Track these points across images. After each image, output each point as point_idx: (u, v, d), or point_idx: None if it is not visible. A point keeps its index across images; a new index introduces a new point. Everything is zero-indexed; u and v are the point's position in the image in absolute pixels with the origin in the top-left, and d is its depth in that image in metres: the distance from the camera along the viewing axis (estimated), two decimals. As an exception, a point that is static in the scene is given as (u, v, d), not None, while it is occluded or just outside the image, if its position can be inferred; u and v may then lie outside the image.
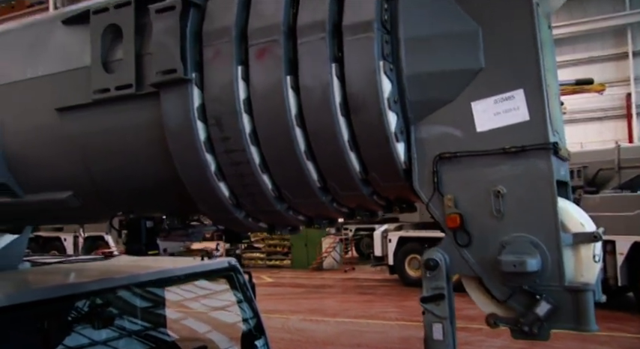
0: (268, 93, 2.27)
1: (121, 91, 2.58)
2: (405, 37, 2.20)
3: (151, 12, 2.43)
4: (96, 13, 2.68)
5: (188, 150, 2.42)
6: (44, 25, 3.00)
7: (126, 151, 2.71)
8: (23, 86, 2.94)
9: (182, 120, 2.39)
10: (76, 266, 3.95)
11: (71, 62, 2.79)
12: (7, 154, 3.00)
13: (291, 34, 2.27)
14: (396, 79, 2.19)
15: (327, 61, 2.18)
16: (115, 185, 2.86)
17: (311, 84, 2.21)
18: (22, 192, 3.08)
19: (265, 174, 2.40)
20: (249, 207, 2.55)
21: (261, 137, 2.32)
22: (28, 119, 2.96)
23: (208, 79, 2.36)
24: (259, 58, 2.28)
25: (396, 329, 10.36)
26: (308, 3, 2.26)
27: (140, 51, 2.57)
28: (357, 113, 2.18)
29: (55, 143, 2.88)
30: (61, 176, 2.95)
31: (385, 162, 2.23)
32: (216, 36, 2.35)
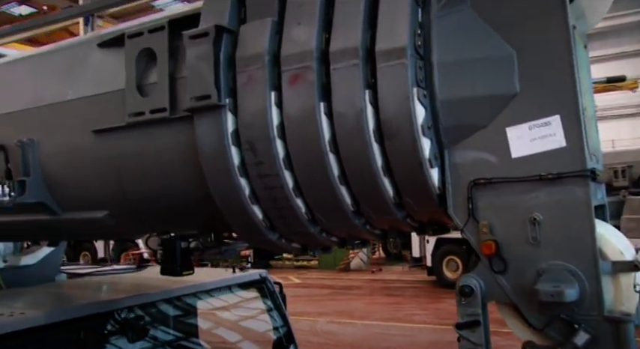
0: (302, 119, 2.28)
1: (155, 115, 2.62)
2: (439, 62, 2.19)
3: (185, 38, 2.46)
4: (130, 37, 2.73)
5: (222, 174, 2.44)
6: (80, 48, 3.06)
7: (160, 172, 2.75)
8: (60, 108, 3.00)
9: (216, 145, 2.42)
10: (110, 280, 4.02)
11: (106, 85, 2.85)
12: (44, 174, 3.07)
13: (323, 60, 2.27)
14: (430, 105, 2.18)
15: (360, 87, 2.19)
16: (150, 204, 2.90)
17: (344, 110, 2.21)
18: (60, 210, 3.14)
19: (299, 198, 2.41)
20: (282, 229, 2.57)
21: (295, 162, 2.34)
22: (64, 140, 3.02)
23: (242, 105, 2.38)
24: (292, 84, 2.29)
25: (424, 332, 10.32)
26: (340, 28, 2.26)
27: (174, 74, 2.61)
28: (391, 139, 2.17)
29: (91, 164, 2.94)
30: (97, 196, 3.01)
31: (419, 188, 2.23)
32: (249, 62, 2.36)
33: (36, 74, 3.20)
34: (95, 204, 3.03)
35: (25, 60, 3.39)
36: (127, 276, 4.10)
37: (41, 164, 3.07)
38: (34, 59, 3.33)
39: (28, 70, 3.26)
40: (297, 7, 2.36)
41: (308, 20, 2.31)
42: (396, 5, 2.21)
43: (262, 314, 4.35)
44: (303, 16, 2.33)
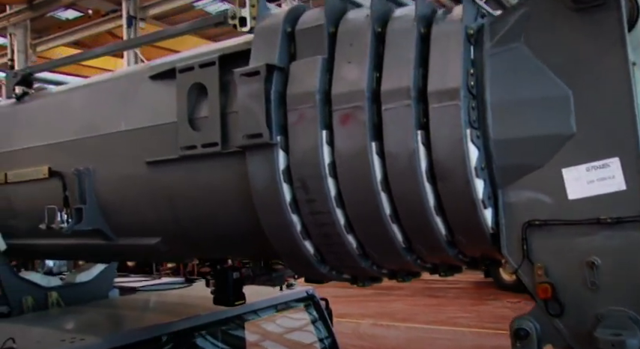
0: (353, 158, 2.28)
1: (207, 149, 2.66)
2: (492, 102, 2.17)
3: (236, 76, 2.49)
4: (182, 71, 2.78)
5: (274, 210, 2.47)
6: (132, 79, 3.14)
7: (212, 202, 2.80)
8: (114, 138, 3.08)
9: (268, 181, 2.45)
10: (162, 297, 4.11)
11: (158, 117, 2.91)
12: (100, 201, 3.17)
13: (375, 99, 2.27)
14: (483, 145, 2.16)
15: (412, 128, 2.18)
16: (202, 233, 2.96)
17: (396, 151, 2.21)
18: (114, 235, 3.24)
19: (350, 235, 2.42)
20: (333, 263, 2.59)
21: (347, 200, 2.35)
22: (118, 169, 3.11)
23: (293, 143, 2.40)
24: (343, 124, 2.30)
25: (468, 336, 10.23)
26: (392, 68, 2.26)
27: (225, 109, 2.65)
28: (444, 180, 2.16)
29: (144, 192, 3.02)
30: (150, 223, 3.08)
31: (472, 228, 2.21)
32: (300, 100, 2.38)
33: (90, 103, 3.30)
34: (148, 231, 3.11)
35: (80, 89, 3.50)
36: (178, 293, 4.19)
37: (96, 191, 3.16)
38: (88, 88, 3.43)
39: (83, 99, 3.36)
40: (347, 45, 2.36)
41: (359, 59, 2.31)
42: (448, 43, 2.20)
43: (309, 330, 4.40)
44: (354, 54, 2.33)
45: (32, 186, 3.47)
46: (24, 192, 3.55)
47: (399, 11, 2.42)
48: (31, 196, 3.53)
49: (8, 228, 3.76)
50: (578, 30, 2.09)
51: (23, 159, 3.54)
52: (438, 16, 2.31)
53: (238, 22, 2.67)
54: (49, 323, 3.49)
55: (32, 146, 3.50)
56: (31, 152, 3.50)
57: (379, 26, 2.34)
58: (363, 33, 2.34)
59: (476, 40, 2.22)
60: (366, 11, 2.39)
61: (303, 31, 2.48)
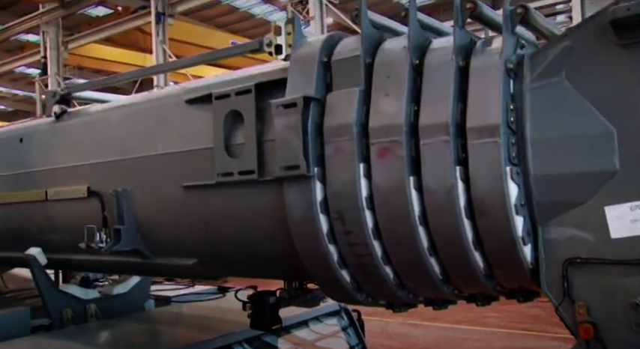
0: (391, 192, 2.28)
1: (243, 176, 2.69)
2: (533, 137, 2.14)
3: (273, 107, 2.51)
4: (218, 98, 2.80)
5: (311, 240, 2.48)
6: (168, 103, 3.17)
7: (248, 227, 2.83)
8: (151, 161, 3.13)
9: (305, 212, 2.46)
10: (196, 311, 4.17)
11: (194, 141, 2.94)
12: (137, 222, 3.22)
13: (413, 133, 2.26)
14: (523, 181, 2.14)
15: (451, 164, 2.17)
16: (237, 256, 3.00)
17: (435, 186, 2.20)
18: (151, 255, 3.30)
19: (387, 266, 2.43)
20: (369, 291, 2.60)
21: (384, 233, 2.35)
22: (155, 191, 3.16)
23: (330, 175, 2.40)
24: (381, 158, 2.30)
25: (498, 337, 10.17)
26: (430, 102, 2.24)
27: (261, 137, 2.67)
28: (483, 217, 2.15)
29: (181, 215, 3.06)
30: (187, 245, 3.13)
31: (511, 263, 2.20)
32: (337, 133, 2.38)
33: (128, 125, 3.34)
34: (185, 252, 3.16)
35: (117, 109, 3.55)
36: (211, 305, 4.24)
37: (134, 212, 3.22)
38: (125, 110, 3.47)
39: (121, 120, 3.41)
40: (384, 77, 2.36)
41: (396, 92, 2.30)
42: (487, 77, 2.18)
43: (342, 342, 4.42)
44: (392, 87, 2.32)
45: (71, 205, 3.55)
46: (63, 209, 3.63)
47: (437, 42, 2.40)
48: (70, 214, 3.61)
49: (48, 242, 3.85)
50: (623, 65, 2.05)
51: (63, 178, 3.62)
52: (477, 47, 2.29)
53: (274, 49, 2.67)
54: (88, 339, 3.58)
55: (71, 165, 3.57)
56: (70, 171, 3.58)
57: (417, 58, 2.32)
58: (400, 65, 2.32)
59: (515, 73, 2.19)
60: (403, 41, 2.38)
61: (340, 61, 2.48)
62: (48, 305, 3.88)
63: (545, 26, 2.44)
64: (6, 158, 4.05)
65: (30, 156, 3.87)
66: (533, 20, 2.33)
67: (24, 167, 3.89)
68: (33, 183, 3.80)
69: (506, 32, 2.21)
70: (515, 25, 2.24)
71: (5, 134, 4.26)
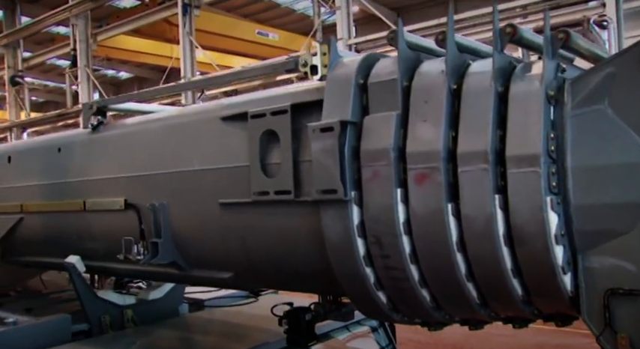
0: (429, 218, 2.28)
1: (280, 196, 2.71)
2: (574, 166, 2.11)
3: (309, 130, 2.52)
4: (254, 117, 2.82)
5: (348, 263, 2.50)
6: (204, 119, 3.20)
7: (284, 244, 2.86)
8: (187, 176, 3.17)
9: (342, 235, 2.47)
10: (230, 317, 4.23)
11: (231, 159, 2.97)
12: (173, 235, 3.28)
13: (451, 159, 2.25)
14: (564, 211, 2.12)
15: (489, 192, 2.16)
16: (273, 270, 3.04)
17: (473, 214, 2.20)
18: (188, 267, 3.36)
19: (424, 289, 2.43)
20: (405, 312, 2.61)
21: (421, 258, 2.35)
22: (192, 206, 3.20)
23: (368, 199, 2.41)
24: (419, 184, 2.30)
25: (529, 333, 10.04)
26: (468, 129, 2.23)
27: (297, 157, 2.68)
28: (522, 245, 2.14)
29: (217, 230, 3.10)
30: (223, 259, 3.18)
31: (550, 291, 2.18)
32: (374, 157, 2.38)
33: (163, 140, 3.39)
34: (221, 265, 3.21)
35: (153, 123, 3.59)
36: (245, 311, 4.30)
37: (170, 225, 3.27)
38: (161, 123, 3.51)
39: (156, 134, 3.45)
40: (422, 102, 2.34)
41: (434, 117, 2.29)
42: (527, 104, 2.15)
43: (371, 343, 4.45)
44: (429, 112, 2.31)
45: (109, 216, 3.62)
46: (101, 220, 3.71)
47: (475, 65, 2.37)
48: (107, 225, 3.68)
49: (86, 250, 3.94)
50: None
51: (100, 189, 3.69)
52: (516, 72, 2.25)
53: (309, 70, 2.67)
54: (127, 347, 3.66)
55: (108, 177, 3.64)
56: (107, 183, 3.65)
57: (454, 83, 2.31)
58: (438, 90, 2.31)
59: (556, 100, 2.16)
60: (441, 65, 2.36)
61: (377, 84, 2.47)
62: (87, 312, 3.98)
63: (588, 49, 2.40)
64: (45, 167, 4.14)
65: (68, 166, 3.95)
66: (575, 44, 2.30)
67: (62, 177, 3.97)
68: (71, 193, 3.89)
69: (547, 57, 2.18)
70: (556, 51, 2.21)
71: (44, 143, 4.36)
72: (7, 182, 4.49)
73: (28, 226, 4.31)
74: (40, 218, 4.18)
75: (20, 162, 4.42)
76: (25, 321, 3.73)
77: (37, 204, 4.15)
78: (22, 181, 4.34)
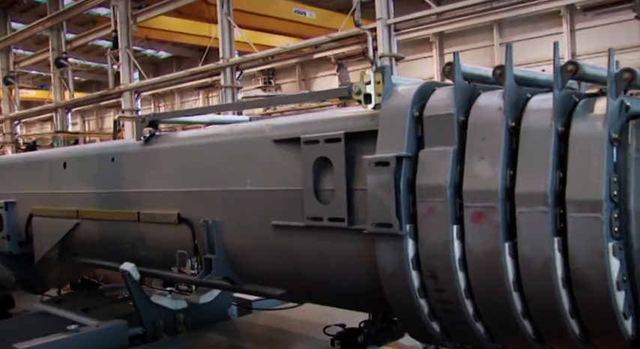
0: (485, 256, 2.28)
1: (333, 223, 2.75)
2: (637, 211, 2.08)
3: (364, 163, 2.53)
4: (307, 143, 2.85)
5: (402, 294, 2.53)
6: (256, 140, 3.22)
7: (338, 267, 2.90)
8: (240, 195, 3.23)
9: (397, 267, 2.50)
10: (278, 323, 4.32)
11: (283, 182, 3.01)
12: (226, 251, 3.35)
13: (508, 198, 2.24)
14: (626, 256, 2.09)
15: (548, 234, 2.14)
16: (325, 290, 3.10)
17: (531, 255, 2.19)
18: (240, 281, 3.44)
19: (479, 322, 2.45)
20: (459, 340, 2.64)
21: (477, 294, 2.36)
22: (244, 225, 3.27)
23: (423, 233, 2.42)
24: (475, 222, 2.29)
25: None
26: (527, 169, 2.20)
27: (351, 185, 2.71)
28: (581, 289, 2.13)
29: (270, 250, 3.16)
30: (276, 277, 3.25)
31: (610, 335, 2.17)
32: (430, 193, 2.39)
33: (215, 157, 3.45)
34: (273, 282, 3.29)
35: (205, 138, 3.65)
36: (292, 316, 4.38)
37: (223, 241, 3.35)
38: (212, 139, 3.57)
39: (209, 151, 3.51)
40: (479, 139, 2.33)
41: (492, 156, 2.27)
42: (589, 147, 2.11)
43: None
44: (487, 150, 2.29)
45: (162, 228, 3.72)
46: (154, 231, 3.82)
47: (535, 101, 2.33)
48: (160, 236, 3.79)
49: (140, 258, 4.07)
50: None
51: (153, 201, 3.79)
52: (578, 110, 2.21)
53: (363, 98, 2.67)
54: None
55: (162, 191, 3.73)
56: (160, 195, 3.74)
57: (513, 120, 2.28)
58: (496, 127, 2.29)
59: (619, 141, 2.11)
60: (499, 100, 2.33)
61: (432, 117, 2.46)
62: (142, 316, 4.12)
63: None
64: (99, 176, 4.26)
65: (121, 177, 4.06)
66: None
67: (116, 186, 4.09)
68: (125, 203, 4.00)
69: (611, 97, 2.13)
70: (620, 90, 2.16)
71: (98, 151, 4.48)
72: (63, 187, 4.64)
73: (84, 231, 4.47)
74: (95, 224, 4.32)
75: (75, 169, 4.56)
76: (86, 328, 3.89)
77: (92, 211, 4.29)
78: (77, 187, 4.48)
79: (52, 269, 5.29)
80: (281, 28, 23.83)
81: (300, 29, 23.12)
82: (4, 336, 4.28)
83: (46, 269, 5.27)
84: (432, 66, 26.48)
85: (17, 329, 4.48)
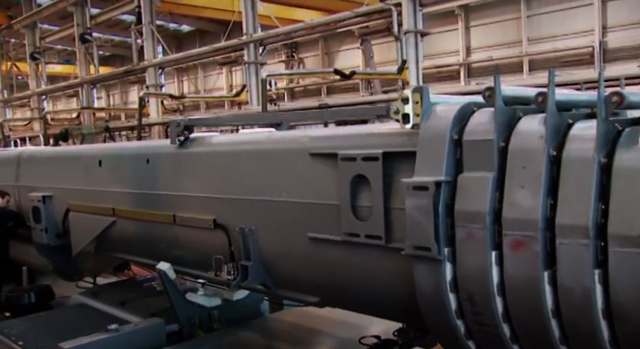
0: (524, 284, 2.30)
1: (370, 240, 2.78)
2: None
3: (403, 186, 2.55)
4: (344, 160, 2.87)
5: (440, 315, 2.57)
6: (292, 149, 3.25)
7: (373, 281, 2.94)
8: (276, 205, 3.28)
9: (434, 289, 2.53)
10: (309, 322, 4.40)
11: (319, 195, 3.05)
12: (262, 258, 3.42)
13: (548, 227, 2.25)
14: None
15: (589, 267, 2.15)
16: (360, 302, 3.16)
17: (570, 285, 2.20)
18: (275, 287, 3.52)
19: (515, 345, 2.48)
20: (494, 358, 2.68)
21: (514, 319, 2.39)
22: (280, 235, 3.32)
23: (461, 258, 2.45)
24: (515, 249, 2.31)
25: None
26: (568, 200, 2.19)
27: (388, 204, 2.73)
28: (622, 322, 2.14)
29: (306, 260, 3.22)
30: (311, 285, 3.31)
31: (649, 366, 2.20)
32: (469, 218, 2.40)
33: (251, 165, 3.49)
34: (308, 290, 3.36)
35: (239, 146, 3.69)
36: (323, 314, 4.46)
37: (260, 249, 3.41)
38: (248, 147, 3.60)
39: (244, 159, 3.55)
40: (519, 167, 2.32)
41: (532, 185, 2.27)
42: (633, 181, 2.10)
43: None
44: (527, 179, 2.29)
45: (198, 232, 3.80)
46: (190, 234, 3.90)
47: (577, 129, 2.30)
48: (196, 239, 3.87)
49: (175, 257, 4.17)
50: None
51: (189, 205, 3.86)
52: (621, 141, 2.18)
53: (401, 117, 2.67)
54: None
55: (197, 195, 3.79)
56: (196, 200, 3.81)
57: (554, 149, 2.27)
58: (537, 156, 2.27)
59: None
60: (540, 128, 2.31)
61: (472, 142, 2.45)
62: (178, 314, 4.25)
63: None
64: (135, 176, 4.34)
65: (157, 178, 4.13)
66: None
67: (151, 188, 4.16)
68: (160, 205, 4.08)
69: (656, 129, 2.11)
70: (665, 123, 2.14)
71: (133, 151, 4.55)
72: (98, 184, 4.74)
73: (120, 228, 4.58)
74: (131, 223, 4.42)
75: (110, 167, 4.65)
76: (125, 327, 4.02)
77: (128, 210, 4.38)
78: (112, 186, 4.57)
79: (87, 260, 5.44)
80: (304, 1, 23.58)
81: (324, 3, 22.85)
82: (48, 328, 4.45)
83: (82, 260, 5.42)
84: (457, 39, 26.03)
85: (59, 321, 4.64)
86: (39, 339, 4.24)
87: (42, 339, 4.23)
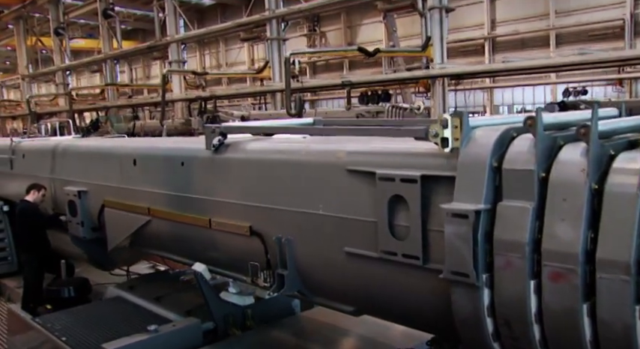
0: (563, 315, 2.34)
1: (408, 260, 2.83)
2: None
3: (443, 213, 2.58)
4: (382, 179, 2.90)
5: (477, 338, 2.62)
6: (329, 162, 3.27)
7: (408, 299, 3.00)
8: (313, 218, 3.33)
9: (472, 313, 2.58)
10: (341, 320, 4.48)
11: (356, 211, 3.09)
12: (297, 266, 3.49)
13: (588, 259, 2.27)
14: None
15: (629, 303, 2.18)
16: (395, 314, 3.24)
17: (610, 319, 2.23)
18: (310, 295, 3.60)
19: (552, 369, 2.53)
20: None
21: (552, 346, 2.44)
22: (316, 247, 3.38)
23: (499, 285, 2.48)
24: (554, 281, 2.34)
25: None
26: (610, 235, 2.21)
27: (426, 225, 2.77)
28: (663, 358, 2.18)
29: (342, 273, 3.28)
30: (346, 296, 3.38)
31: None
32: (508, 247, 2.43)
33: (289, 177, 3.52)
34: (344, 300, 3.43)
35: (275, 154, 3.72)
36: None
37: (295, 259, 3.48)
38: (284, 157, 3.63)
39: (280, 168, 3.59)
40: (560, 199, 2.34)
41: (573, 218, 2.29)
42: (675, 219, 2.11)
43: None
44: (568, 212, 2.30)
45: (233, 238, 3.88)
46: (226, 239, 3.97)
47: (621, 161, 2.30)
48: (231, 245, 3.95)
49: (210, 259, 4.27)
50: None
51: (224, 211, 3.93)
52: (666, 176, 2.20)
53: (440, 141, 2.69)
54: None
55: (233, 202, 3.86)
56: (231, 206, 3.87)
57: (596, 183, 2.28)
58: (578, 189, 2.29)
59: None
60: (582, 160, 2.31)
61: (512, 171, 2.47)
62: (213, 312, 4.37)
63: None
64: (170, 178, 4.41)
65: (192, 182, 4.20)
66: None
67: (186, 191, 4.23)
68: (195, 208, 4.15)
69: None
70: None
71: (167, 153, 4.61)
72: (133, 183, 4.84)
73: (155, 227, 4.68)
74: (167, 223, 4.51)
75: (145, 167, 4.73)
76: (164, 327, 4.16)
77: (163, 211, 4.47)
78: (147, 186, 4.66)
79: (121, 252, 5.59)
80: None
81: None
82: (88, 323, 4.61)
83: (117, 253, 5.57)
84: (481, 12, 25.54)
85: (98, 316, 4.80)
86: (80, 335, 4.40)
87: (83, 335, 4.39)
